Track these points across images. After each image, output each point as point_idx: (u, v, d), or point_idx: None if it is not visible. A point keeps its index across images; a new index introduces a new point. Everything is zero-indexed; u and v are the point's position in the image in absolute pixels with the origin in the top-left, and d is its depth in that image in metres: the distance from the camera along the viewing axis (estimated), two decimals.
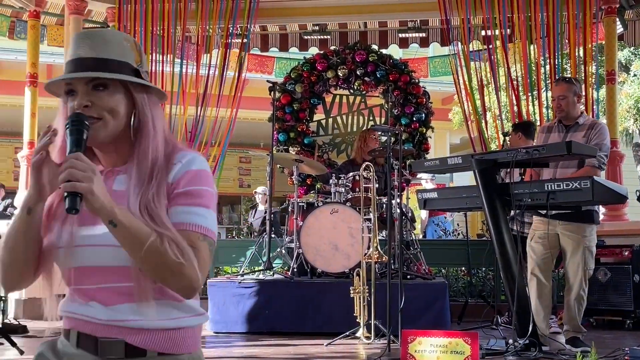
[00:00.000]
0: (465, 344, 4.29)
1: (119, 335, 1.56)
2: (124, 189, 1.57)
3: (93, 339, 1.57)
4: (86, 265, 1.58)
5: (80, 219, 1.54)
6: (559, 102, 5.18)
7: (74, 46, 1.61)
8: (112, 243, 1.50)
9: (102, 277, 1.57)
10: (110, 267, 1.55)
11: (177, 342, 1.60)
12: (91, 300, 1.58)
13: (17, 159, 8.28)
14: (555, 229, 5.06)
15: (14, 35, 8.64)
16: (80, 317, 1.60)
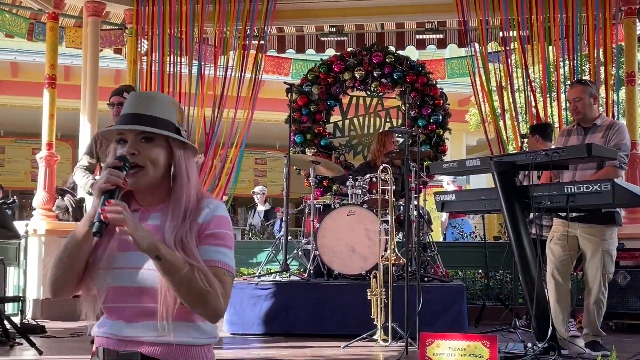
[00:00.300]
0: (483, 347, 4.26)
1: (135, 348, 1.81)
2: (157, 224, 1.83)
3: (114, 352, 1.82)
4: (121, 285, 1.81)
5: (119, 245, 1.82)
6: (575, 105, 5.14)
7: (129, 102, 1.91)
8: (145, 267, 1.78)
9: (132, 297, 1.81)
10: (141, 287, 1.79)
11: (189, 355, 1.84)
12: (118, 318, 1.83)
13: (35, 160, 8.32)
14: (575, 232, 5.01)
15: (33, 37, 8.69)
16: (107, 335, 1.85)
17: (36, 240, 7.36)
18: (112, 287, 1.83)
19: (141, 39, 8.36)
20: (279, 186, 17.07)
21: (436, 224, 11.87)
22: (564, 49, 7.64)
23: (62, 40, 8.78)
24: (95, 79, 8.30)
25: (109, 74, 13.71)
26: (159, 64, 8.22)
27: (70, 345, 5.69)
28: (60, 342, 5.82)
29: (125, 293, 1.82)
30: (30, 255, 7.25)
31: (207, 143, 8.15)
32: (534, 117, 7.62)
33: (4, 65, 14.66)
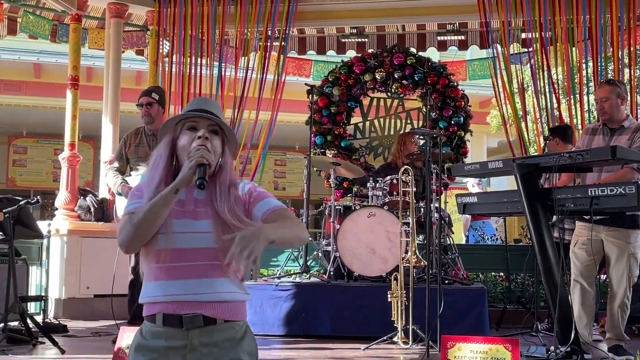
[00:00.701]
0: (505, 351, 4.23)
1: (197, 311, 2.03)
2: (203, 198, 2.15)
3: (177, 316, 2.02)
4: (179, 247, 2.05)
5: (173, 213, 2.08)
6: (601, 105, 5.09)
7: (197, 102, 2.29)
8: (200, 230, 2.07)
9: (192, 256, 2.06)
10: (197, 248, 2.06)
11: (236, 312, 2.11)
12: (176, 277, 2.04)
13: (57, 160, 8.39)
14: (599, 235, 4.96)
15: (56, 39, 8.76)
16: (164, 299, 2.04)
17: (58, 240, 7.41)
18: (171, 249, 2.05)
19: (163, 40, 8.40)
20: (298, 187, 17.12)
21: (457, 225, 11.81)
22: (587, 50, 7.57)
23: (85, 42, 8.84)
24: (117, 80, 8.35)
25: (130, 75, 13.80)
26: (180, 65, 8.25)
27: (91, 344, 5.73)
28: (82, 342, 5.86)
29: (183, 254, 2.06)
30: (52, 254, 7.31)
31: None
32: (557, 119, 7.56)
33: (27, 67, 14.80)
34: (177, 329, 2.03)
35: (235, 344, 2.08)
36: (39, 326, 5.62)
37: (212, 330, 2.05)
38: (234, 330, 2.10)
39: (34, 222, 6.33)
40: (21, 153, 17.59)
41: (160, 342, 2.05)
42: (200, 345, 2.03)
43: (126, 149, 6.07)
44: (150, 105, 5.97)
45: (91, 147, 16.64)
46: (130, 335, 4.73)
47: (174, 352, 2.03)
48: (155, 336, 2.06)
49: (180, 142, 2.18)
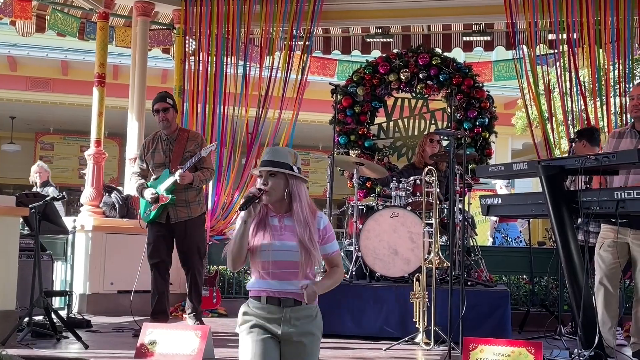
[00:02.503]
0: (528, 354, 4.20)
1: (289, 296, 3.00)
2: (291, 224, 3.03)
3: (276, 298, 3.00)
4: (278, 260, 2.99)
5: (273, 237, 3.01)
6: (637, 102, 5.01)
7: (265, 152, 3.14)
8: (293, 249, 2.99)
9: (284, 266, 2.99)
10: (290, 261, 2.99)
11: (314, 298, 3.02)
12: (274, 279, 3.00)
13: (83, 157, 8.46)
14: (625, 238, 4.91)
15: (84, 36, 8.86)
16: (267, 289, 3.01)
17: (83, 235, 7.49)
18: (272, 261, 2.99)
19: (189, 38, 8.44)
20: (321, 187, 17.10)
21: (482, 227, 11.75)
22: (615, 52, 7.49)
23: (112, 40, 8.92)
24: (143, 78, 8.41)
25: (156, 74, 13.89)
26: (206, 63, 8.29)
27: (114, 340, 5.78)
28: (105, 337, 5.92)
29: (281, 264, 2.99)
30: (77, 250, 7.38)
31: (250, 143, 8.19)
32: (583, 122, 7.49)
33: (55, 64, 14.94)
34: (277, 306, 2.99)
35: (311, 320, 3.06)
36: (63, 321, 5.68)
37: (298, 309, 3.01)
38: (310, 310, 3.05)
39: (60, 218, 6.40)
40: (48, 149, 17.78)
41: (263, 313, 3.00)
42: (291, 317, 2.99)
43: (145, 155, 6.18)
44: (166, 111, 6.09)
45: (117, 145, 16.78)
46: (152, 331, 4.78)
47: (274, 321, 2.98)
48: (258, 308, 3.01)
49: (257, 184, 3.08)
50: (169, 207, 6.02)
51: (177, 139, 6.14)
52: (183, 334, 4.73)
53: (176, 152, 6.07)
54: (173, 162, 6.03)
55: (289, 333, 2.98)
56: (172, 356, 4.63)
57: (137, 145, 8.25)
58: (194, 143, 6.14)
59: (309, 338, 3.03)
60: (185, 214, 6.07)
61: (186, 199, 6.07)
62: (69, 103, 15.19)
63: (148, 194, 6.01)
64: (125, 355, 4.87)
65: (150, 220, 6.08)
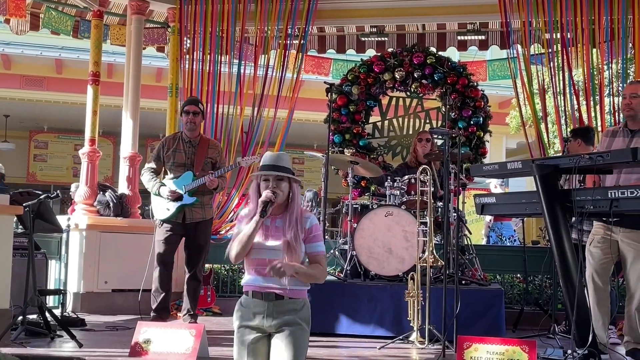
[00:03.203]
0: (522, 352, 4.22)
1: (272, 290, 3.18)
2: (281, 226, 3.23)
3: (259, 293, 3.19)
4: (263, 258, 3.19)
5: (266, 236, 3.23)
6: (629, 100, 5.03)
7: (268, 158, 3.29)
8: (277, 249, 3.18)
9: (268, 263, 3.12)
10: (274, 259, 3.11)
11: (294, 294, 3.21)
12: (259, 275, 3.20)
13: (77, 155, 8.45)
14: (615, 236, 4.92)
15: (78, 34, 8.83)
16: (254, 284, 3.22)
17: (77, 234, 7.47)
18: (258, 258, 3.20)
19: (184, 37, 8.43)
20: (316, 186, 17.10)
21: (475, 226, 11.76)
22: (609, 51, 7.51)
23: (106, 38, 8.90)
24: (137, 77, 8.40)
25: (151, 72, 13.86)
26: (200, 62, 8.28)
27: (108, 338, 5.78)
28: (99, 335, 5.91)
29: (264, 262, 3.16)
30: (71, 249, 7.36)
31: (246, 142, 8.18)
32: (577, 121, 7.51)
33: (49, 62, 14.90)
34: (260, 300, 3.19)
35: (295, 312, 3.21)
36: (57, 320, 5.67)
37: (282, 303, 3.19)
38: (295, 304, 3.21)
39: (54, 216, 6.39)
40: (42, 148, 17.75)
41: (249, 308, 3.21)
42: (274, 311, 3.18)
43: (164, 152, 6.26)
44: (196, 114, 6.30)
45: (111, 143, 16.75)
46: (146, 330, 4.77)
47: (259, 314, 3.19)
48: (247, 302, 3.24)
49: (261, 187, 3.25)
50: (186, 208, 6.09)
51: (200, 144, 6.29)
52: (177, 332, 4.73)
53: (199, 156, 6.22)
54: (197, 165, 6.17)
55: (271, 325, 3.18)
56: (167, 355, 4.63)
57: (131, 144, 8.26)
58: (215, 151, 6.33)
59: (293, 327, 3.18)
60: (200, 215, 6.17)
61: (202, 202, 6.19)
62: (63, 101, 15.16)
63: (166, 191, 6.09)
64: (120, 353, 4.87)
65: (167, 218, 6.11)
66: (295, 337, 3.18)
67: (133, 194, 8.10)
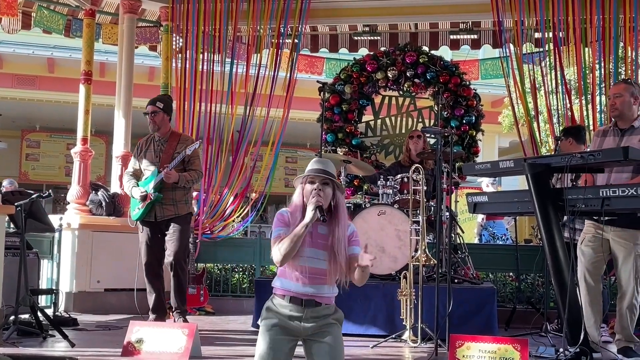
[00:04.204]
0: (514, 351, 4.22)
1: (312, 298, 3.19)
2: (324, 234, 3.22)
3: (299, 299, 3.18)
4: (308, 266, 3.18)
5: (307, 243, 3.19)
6: (614, 100, 5.06)
7: (317, 162, 3.31)
8: (323, 258, 3.19)
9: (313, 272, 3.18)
10: (319, 268, 3.19)
11: (329, 300, 3.24)
12: (301, 282, 3.18)
13: (69, 154, 8.43)
14: (606, 235, 4.94)
15: (70, 33, 8.81)
16: (293, 289, 3.20)
17: (70, 233, 7.46)
18: (304, 266, 3.18)
19: (176, 36, 8.41)
20: None
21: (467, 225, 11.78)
22: (600, 50, 7.54)
23: (99, 37, 8.88)
24: (130, 76, 8.39)
25: (143, 71, 13.84)
26: (193, 61, 8.27)
27: (101, 338, 5.77)
28: (92, 335, 5.90)
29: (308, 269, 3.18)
30: (63, 248, 7.35)
31: (238, 141, 8.17)
32: (569, 120, 7.53)
33: (41, 61, 14.86)
34: (299, 305, 3.18)
35: (329, 316, 3.24)
36: (50, 319, 5.65)
37: (319, 309, 3.21)
38: (328, 310, 3.25)
39: (46, 216, 6.37)
40: (34, 147, 17.68)
41: (285, 310, 3.20)
42: (310, 316, 3.19)
43: (138, 155, 6.30)
44: (154, 114, 6.26)
45: (103, 142, 16.70)
46: (139, 329, 4.77)
47: (295, 318, 3.19)
48: (281, 306, 3.21)
49: (305, 189, 3.25)
50: (156, 205, 6.07)
51: (169, 140, 6.27)
52: (170, 332, 4.72)
53: (166, 152, 6.19)
54: (162, 162, 6.14)
55: (307, 329, 3.20)
56: (159, 354, 4.62)
57: (123, 143, 8.24)
58: (184, 145, 6.23)
59: (329, 327, 3.24)
60: (172, 212, 6.12)
61: (173, 198, 6.14)
62: (55, 100, 15.11)
63: (137, 192, 6.13)
64: (112, 353, 4.86)
65: (138, 218, 6.13)
66: (334, 336, 3.23)
67: (125, 193, 8.07)
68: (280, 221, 3.26)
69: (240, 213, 8.22)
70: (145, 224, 6.16)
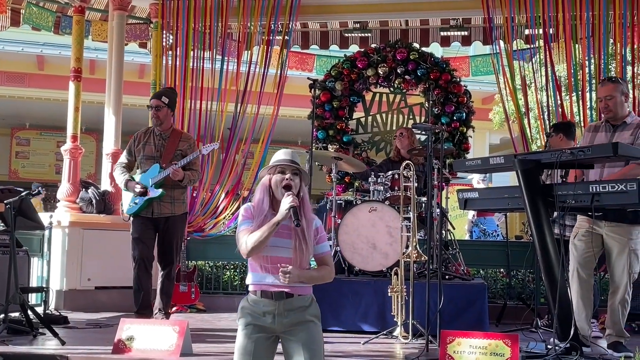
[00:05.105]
0: (505, 346, 4.24)
1: (281, 289, 3.13)
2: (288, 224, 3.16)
3: (269, 292, 3.14)
4: (273, 255, 3.15)
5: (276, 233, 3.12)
6: (606, 103, 5.07)
7: (284, 154, 3.30)
8: (288, 246, 3.16)
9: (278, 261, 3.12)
10: (284, 257, 3.14)
11: (303, 289, 3.18)
12: (269, 273, 3.15)
13: (59, 152, 8.40)
14: (600, 230, 4.96)
15: (59, 30, 8.76)
16: (263, 283, 3.16)
17: (60, 231, 7.43)
18: (269, 256, 3.15)
19: (166, 33, 8.39)
20: None
21: (461, 221, 11.82)
22: (590, 47, 7.56)
23: (88, 34, 8.84)
24: (120, 73, 8.36)
25: (133, 68, 13.80)
26: (183, 58, 8.24)
27: (92, 336, 5.75)
28: (82, 333, 5.88)
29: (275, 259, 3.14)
30: (54, 246, 7.32)
31: (229, 139, 8.16)
32: (559, 116, 7.55)
33: (31, 58, 14.80)
34: (270, 299, 3.14)
35: (304, 309, 3.18)
36: (40, 317, 5.63)
37: (291, 301, 3.15)
38: (303, 301, 3.18)
39: (36, 214, 6.34)
40: (24, 145, 17.61)
41: (258, 307, 3.16)
42: (284, 310, 3.14)
43: (135, 146, 6.25)
44: (159, 109, 6.22)
45: (94, 140, 16.66)
46: (130, 326, 4.76)
47: (269, 314, 3.15)
48: (254, 302, 3.18)
49: (273, 180, 3.23)
50: (154, 202, 6.05)
51: (171, 136, 6.25)
52: (161, 329, 4.71)
53: (168, 148, 6.16)
54: (164, 157, 6.12)
55: (282, 324, 3.15)
56: (150, 352, 4.61)
57: (114, 140, 8.22)
58: (187, 144, 6.25)
59: (305, 325, 3.17)
60: (169, 210, 6.11)
61: (172, 196, 6.12)
62: (45, 98, 15.05)
63: (134, 186, 6.06)
64: (103, 351, 4.84)
65: (135, 212, 6.08)
66: (311, 334, 3.17)
67: (116, 190, 8.04)
68: (245, 216, 3.23)
69: (231, 210, 8.20)
70: (139, 219, 6.12)
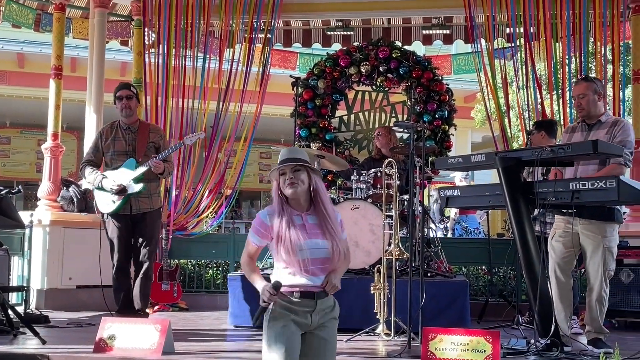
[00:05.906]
0: (486, 343, 4.26)
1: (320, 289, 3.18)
2: (315, 223, 3.22)
3: (311, 293, 3.18)
4: (313, 258, 3.17)
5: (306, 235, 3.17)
6: (579, 101, 5.12)
7: (286, 152, 3.26)
8: (325, 247, 3.19)
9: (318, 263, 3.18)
10: (323, 258, 3.19)
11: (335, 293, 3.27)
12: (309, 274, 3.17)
13: (40, 151, 8.34)
14: (575, 228, 4.99)
15: (40, 28, 8.69)
16: (301, 284, 3.17)
17: (41, 230, 7.38)
18: (310, 259, 3.16)
19: (148, 31, 8.35)
20: None
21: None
22: (570, 46, 7.62)
23: (69, 32, 8.78)
24: (101, 71, 8.31)
25: (115, 66, 13.73)
26: (165, 56, 8.21)
27: (73, 335, 5.71)
28: (63, 332, 5.84)
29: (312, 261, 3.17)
30: (34, 245, 7.27)
31: (211, 137, 8.14)
32: (540, 115, 7.60)
33: (11, 56, 14.69)
34: (311, 299, 3.18)
35: (332, 308, 3.28)
36: (20, 317, 5.58)
37: (325, 300, 3.23)
38: (330, 300, 3.27)
39: (16, 212, 6.28)
40: (4, 143, 17.48)
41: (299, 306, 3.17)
42: (320, 308, 3.21)
43: (102, 143, 6.15)
44: (130, 98, 6.14)
45: (75, 138, 16.54)
46: (111, 325, 4.73)
47: (306, 312, 3.18)
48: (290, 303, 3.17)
49: (278, 184, 3.24)
50: (132, 198, 5.99)
51: (140, 129, 6.16)
52: (143, 328, 4.69)
53: (140, 142, 6.08)
54: (139, 151, 6.04)
55: (316, 322, 3.22)
56: (132, 350, 4.59)
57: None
58: (157, 134, 6.19)
59: (331, 322, 3.29)
60: (147, 205, 6.07)
61: (149, 190, 6.07)
62: (25, 96, 14.95)
63: (110, 184, 5.97)
64: (84, 350, 4.81)
65: (114, 211, 6.01)
66: (334, 331, 3.31)
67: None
68: (256, 227, 3.26)
69: (213, 208, 8.18)
70: (117, 217, 6.05)
